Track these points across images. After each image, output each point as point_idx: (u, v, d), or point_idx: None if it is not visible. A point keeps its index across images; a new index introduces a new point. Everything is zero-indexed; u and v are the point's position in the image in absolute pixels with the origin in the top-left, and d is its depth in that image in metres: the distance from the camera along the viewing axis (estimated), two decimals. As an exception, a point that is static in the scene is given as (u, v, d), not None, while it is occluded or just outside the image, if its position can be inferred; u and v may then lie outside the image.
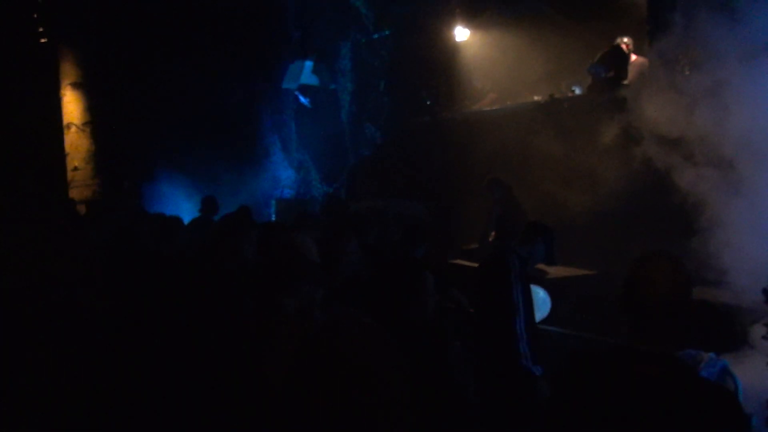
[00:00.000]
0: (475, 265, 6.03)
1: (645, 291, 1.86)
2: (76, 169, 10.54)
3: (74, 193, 10.29)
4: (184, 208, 9.46)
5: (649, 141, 5.08)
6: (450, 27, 10.69)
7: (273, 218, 11.03)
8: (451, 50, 10.74)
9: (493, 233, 7.28)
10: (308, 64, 12.15)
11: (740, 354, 3.49)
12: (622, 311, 1.92)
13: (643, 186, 5.44)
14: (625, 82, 7.79)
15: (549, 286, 5.38)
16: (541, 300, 4.93)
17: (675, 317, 1.87)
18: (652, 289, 1.85)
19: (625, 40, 8.16)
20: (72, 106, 10.59)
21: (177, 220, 4.79)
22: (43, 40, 10.30)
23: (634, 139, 5.36)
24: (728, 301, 4.22)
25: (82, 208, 9.06)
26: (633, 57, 8.18)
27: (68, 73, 10.57)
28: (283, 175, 12.48)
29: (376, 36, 11.90)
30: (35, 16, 10.12)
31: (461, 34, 10.64)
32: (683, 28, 5.02)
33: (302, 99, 12.49)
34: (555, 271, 5.93)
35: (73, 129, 10.59)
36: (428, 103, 10.74)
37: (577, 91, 8.47)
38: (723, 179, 4.44)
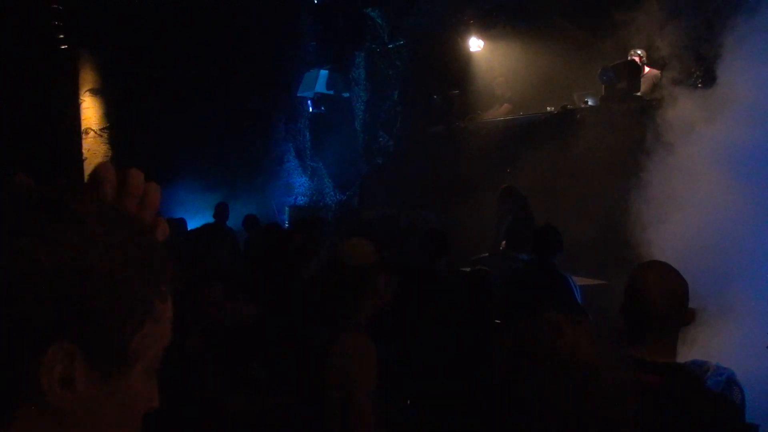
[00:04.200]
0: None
1: (644, 300, 1.90)
2: (93, 174, 10.68)
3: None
4: (201, 214, 9.56)
5: (661, 151, 5.11)
6: (464, 38, 10.76)
7: (286, 225, 11.11)
8: (465, 60, 10.80)
9: (503, 242, 7.30)
10: (323, 73, 12.25)
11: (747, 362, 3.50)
12: (624, 320, 1.96)
13: (655, 196, 5.45)
14: (638, 93, 7.81)
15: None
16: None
17: (674, 326, 1.90)
18: (651, 298, 1.89)
19: (639, 52, 8.17)
20: (90, 111, 10.75)
21: (180, 221, 4.88)
22: (63, 47, 10.48)
23: (646, 150, 5.39)
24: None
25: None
26: (646, 69, 8.19)
27: (87, 79, 10.74)
28: (296, 182, 12.57)
29: (390, 45, 11.98)
30: (56, 23, 10.31)
31: (475, 44, 10.70)
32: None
33: (316, 108, 12.58)
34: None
35: (91, 134, 10.75)
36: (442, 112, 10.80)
37: (591, 102, 8.48)
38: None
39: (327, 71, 12.26)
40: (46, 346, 0.63)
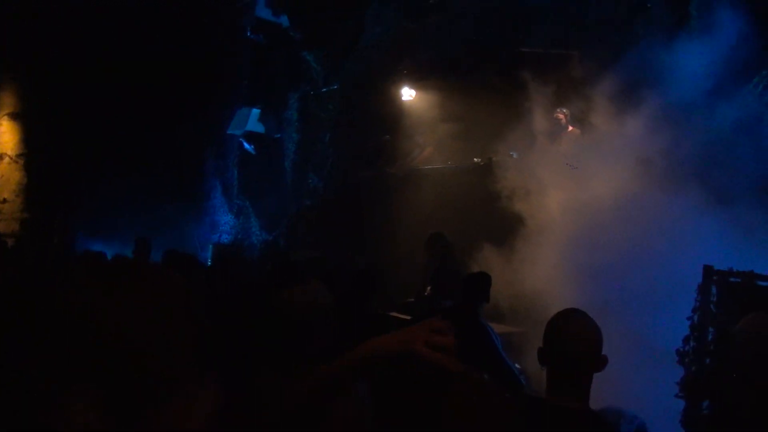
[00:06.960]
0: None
1: (564, 348, 1.96)
2: (5, 201, 10.18)
3: (1, 226, 9.91)
4: (123, 249, 9.20)
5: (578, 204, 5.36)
6: (397, 86, 11.00)
7: (209, 263, 10.84)
8: (397, 108, 11.03)
9: (429, 289, 7.35)
10: (255, 112, 12.22)
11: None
12: (546, 368, 2.01)
13: (575, 246, 5.67)
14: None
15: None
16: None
17: (590, 373, 1.96)
18: (570, 346, 1.95)
19: (563, 110, 8.53)
20: (7, 136, 10.30)
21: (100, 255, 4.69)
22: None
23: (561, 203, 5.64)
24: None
25: (10, 241, 8.74)
26: (569, 128, 8.55)
27: (6, 102, 10.31)
28: (222, 219, 12.35)
29: (324, 89, 12.11)
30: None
31: (407, 94, 10.96)
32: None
33: (246, 145, 12.50)
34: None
35: (6, 160, 10.26)
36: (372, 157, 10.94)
37: (515, 156, 8.76)
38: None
39: (259, 110, 12.24)
40: None
